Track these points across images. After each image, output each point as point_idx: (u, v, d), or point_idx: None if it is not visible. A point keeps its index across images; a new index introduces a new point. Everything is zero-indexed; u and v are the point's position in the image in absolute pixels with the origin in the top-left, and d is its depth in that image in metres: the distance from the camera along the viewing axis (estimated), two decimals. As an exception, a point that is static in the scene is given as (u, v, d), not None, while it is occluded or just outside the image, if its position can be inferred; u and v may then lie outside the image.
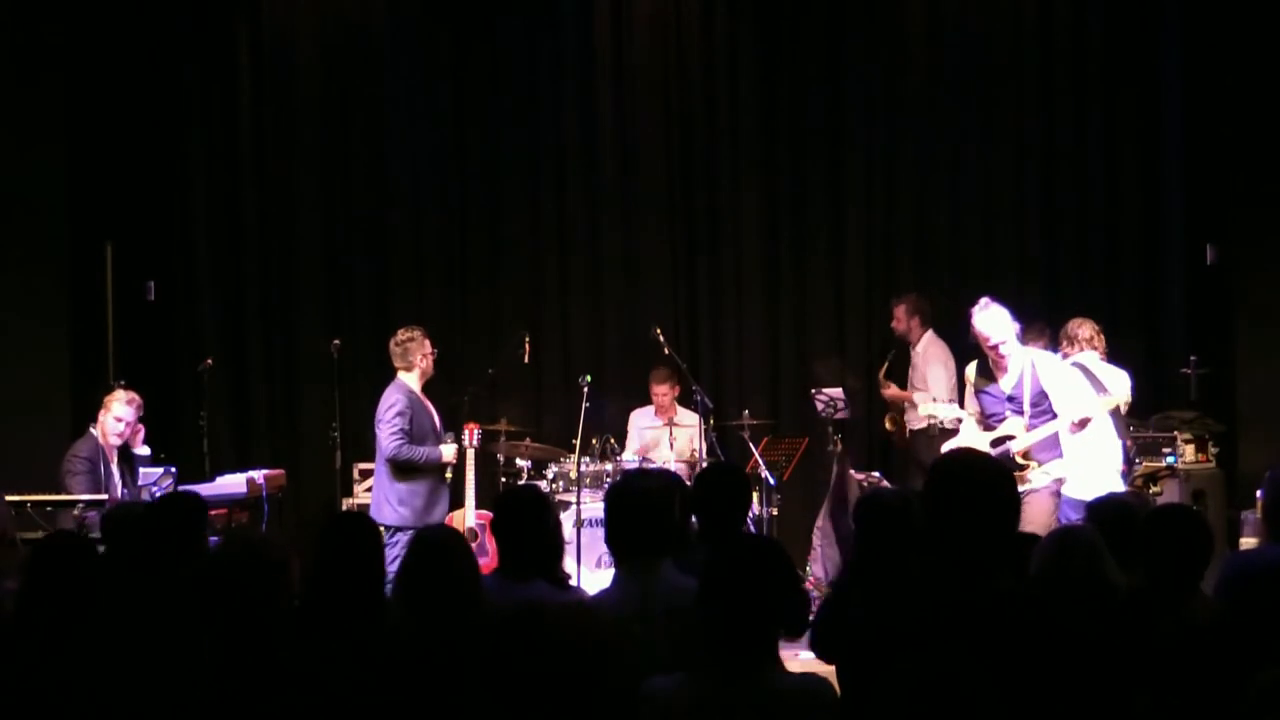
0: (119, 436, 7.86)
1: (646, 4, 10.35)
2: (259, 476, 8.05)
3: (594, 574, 8.11)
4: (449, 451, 8.08)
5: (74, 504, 7.21)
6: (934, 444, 8.69)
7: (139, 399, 7.99)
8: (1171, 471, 8.32)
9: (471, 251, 10.55)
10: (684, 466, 8.88)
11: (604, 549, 4.26)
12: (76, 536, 4.69)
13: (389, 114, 10.46)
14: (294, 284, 10.46)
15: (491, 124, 10.46)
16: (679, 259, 10.40)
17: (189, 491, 5.72)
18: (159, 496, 6.22)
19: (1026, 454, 7.02)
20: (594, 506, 8.33)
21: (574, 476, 8.67)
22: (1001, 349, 7.06)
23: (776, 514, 8.99)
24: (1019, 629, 3.23)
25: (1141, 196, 9.90)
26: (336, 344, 9.00)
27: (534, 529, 4.17)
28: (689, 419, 9.40)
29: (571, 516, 8.26)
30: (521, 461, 9.08)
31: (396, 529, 7.76)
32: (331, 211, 10.50)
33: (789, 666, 4.47)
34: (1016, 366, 7.12)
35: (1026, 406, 7.07)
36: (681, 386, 9.56)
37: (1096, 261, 9.96)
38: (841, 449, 9.17)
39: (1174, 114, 9.74)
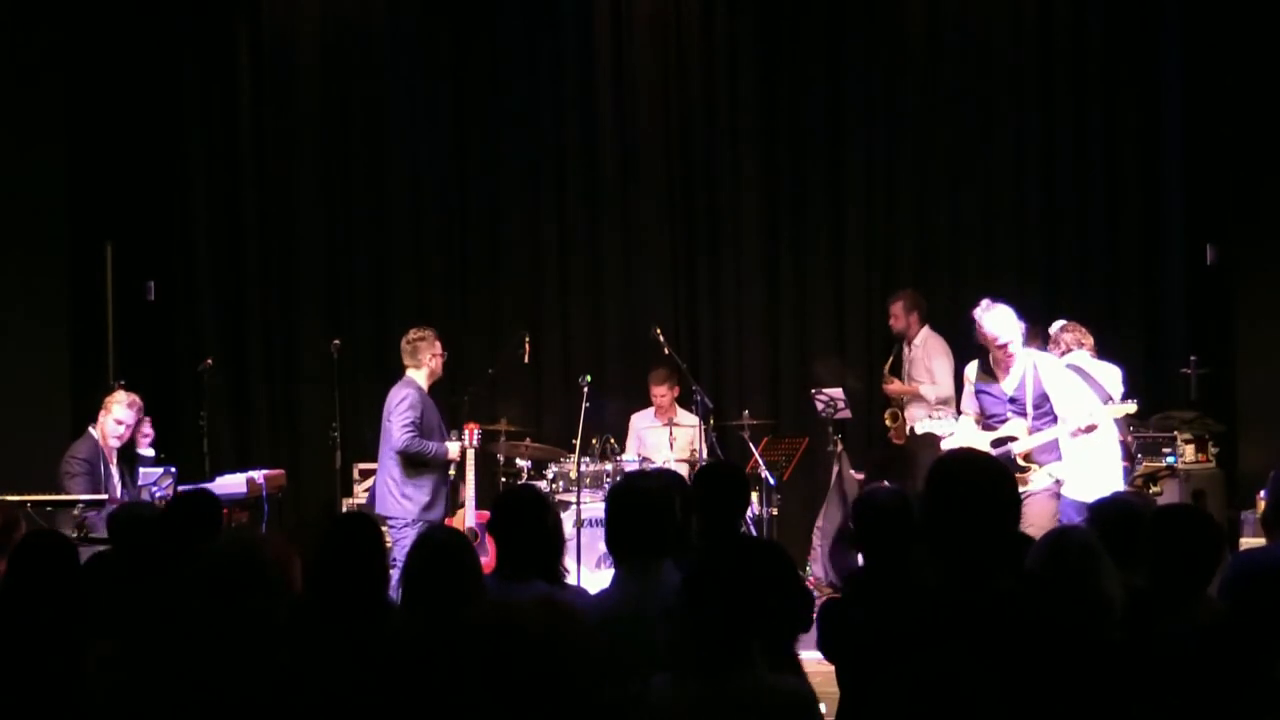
0: (119, 439, 7.87)
1: (646, 4, 10.36)
2: (259, 476, 8.06)
3: (594, 574, 8.11)
4: (455, 448, 8.16)
5: (74, 504, 7.20)
6: (930, 443, 8.70)
7: (139, 401, 8.00)
8: (1171, 471, 8.32)
9: (471, 251, 10.56)
10: (684, 467, 8.87)
11: (604, 549, 4.26)
12: (55, 535, 4.66)
13: (389, 114, 10.47)
14: (294, 284, 10.47)
15: (491, 124, 10.47)
16: (679, 259, 10.40)
17: (203, 490, 5.72)
18: (178, 494, 6.18)
19: (1028, 456, 7.02)
20: (594, 506, 8.34)
21: (574, 476, 8.68)
22: (1010, 348, 7.07)
23: (776, 514, 9.00)
24: (1018, 629, 3.23)
25: (1141, 196, 9.89)
26: (336, 344, 9.01)
27: (532, 529, 4.17)
28: (689, 419, 9.40)
29: (571, 516, 8.26)
30: (521, 461, 9.09)
31: (402, 523, 7.81)
32: (331, 211, 10.51)
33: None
34: (1019, 367, 7.11)
35: (1029, 408, 7.07)
36: (681, 387, 9.56)
37: (1096, 261, 9.96)
38: (841, 449, 9.16)
39: (1174, 114, 9.74)
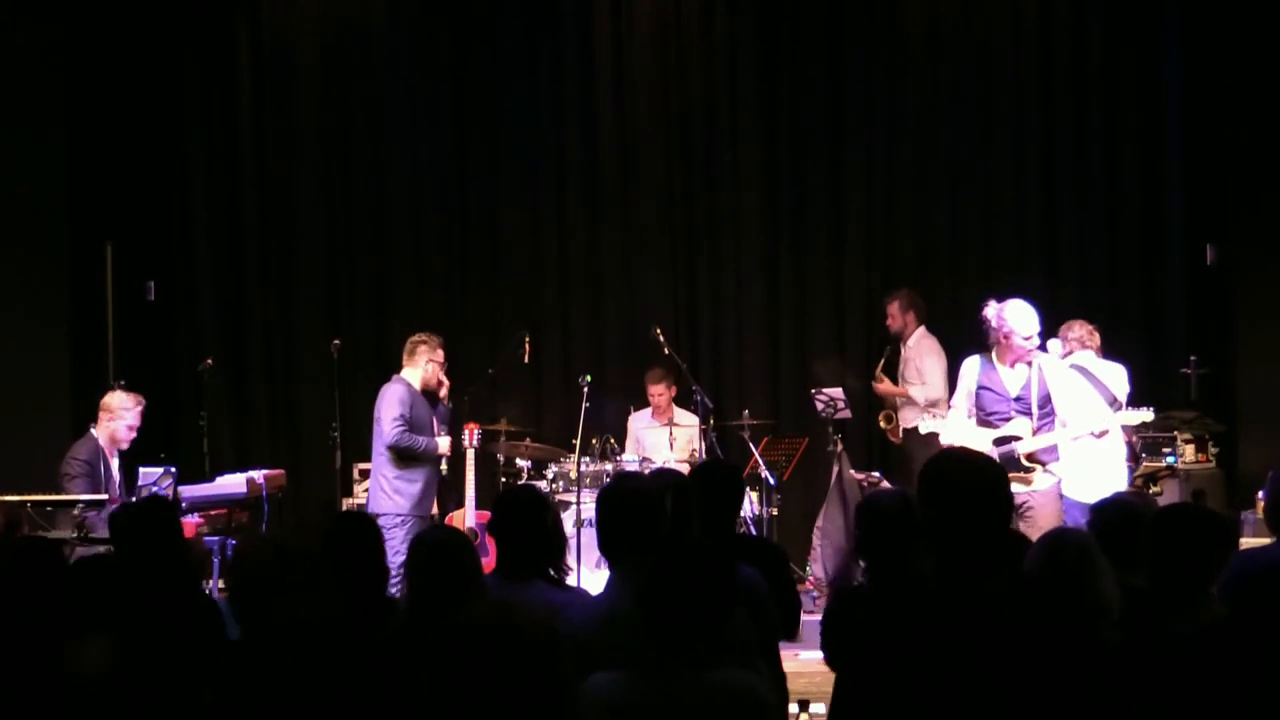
0: (129, 442, 7.88)
1: (646, 4, 10.35)
2: (259, 476, 8.04)
3: (594, 574, 8.08)
4: (445, 443, 8.20)
5: (74, 504, 7.20)
6: (926, 442, 8.70)
7: (142, 399, 8.00)
8: (1171, 471, 8.32)
9: (471, 251, 10.55)
10: (685, 468, 8.86)
11: (603, 549, 4.25)
12: (42, 540, 4.64)
13: (389, 114, 10.46)
14: (294, 284, 10.47)
15: (491, 124, 10.46)
16: (679, 259, 10.39)
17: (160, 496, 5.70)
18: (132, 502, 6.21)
19: (1031, 456, 7.01)
20: (594, 506, 8.32)
21: (574, 476, 8.68)
22: (1032, 341, 7.05)
23: (776, 514, 9.00)
24: (1016, 630, 3.22)
25: (1141, 196, 9.89)
26: (336, 344, 9.01)
27: (532, 529, 4.17)
28: (688, 419, 9.40)
29: (571, 516, 8.25)
30: (521, 461, 9.09)
31: (392, 522, 7.80)
32: (331, 211, 10.51)
33: (788, 667, 4.50)
34: (1026, 367, 7.10)
35: (1034, 408, 7.06)
36: (678, 387, 9.55)
37: (1096, 261, 9.95)
38: (841, 449, 9.16)
39: (1174, 114, 9.74)
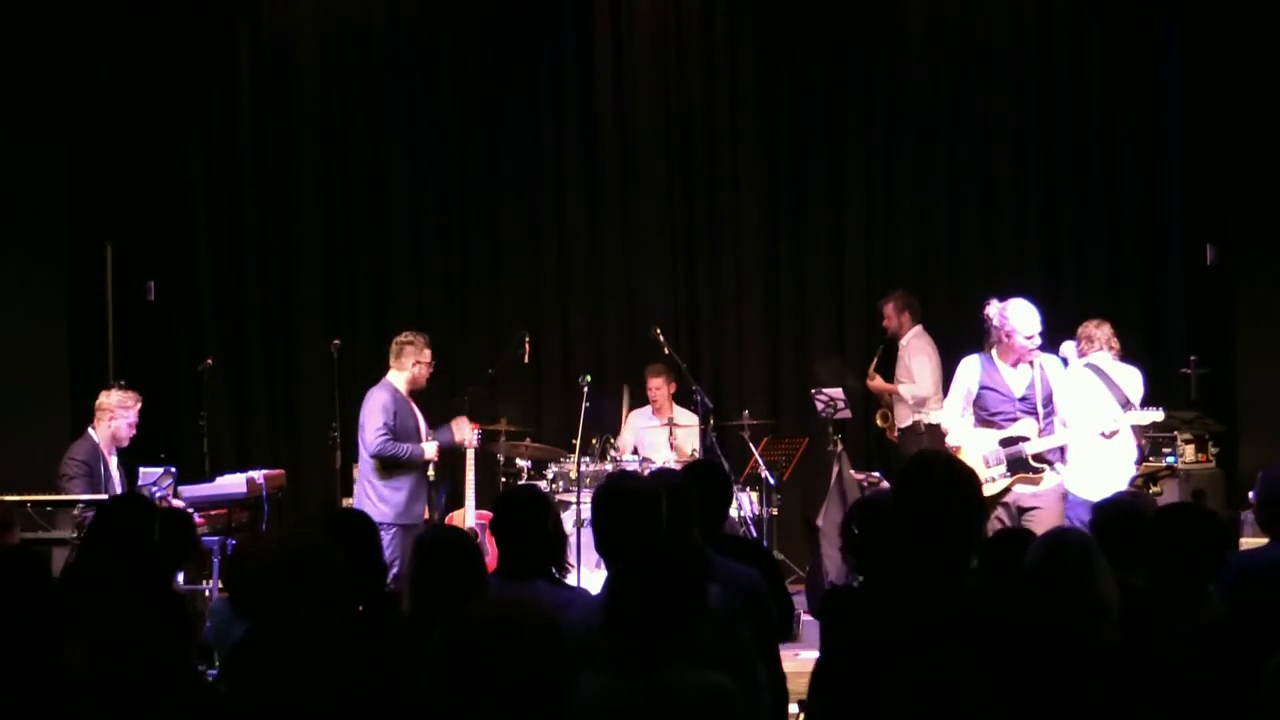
0: (129, 440, 7.88)
1: (646, 4, 10.35)
2: (259, 476, 8.05)
3: (594, 574, 8.09)
4: (431, 449, 8.10)
5: (74, 504, 7.19)
6: (922, 441, 8.70)
7: (138, 395, 7.99)
8: (1171, 471, 8.32)
9: (471, 251, 10.56)
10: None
11: (603, 549, 4.25)
12: (27, 550, 4.62)
13: (389, 114, 10.46)
14: (294, 284, 10.47)
15: (491, 124, 10.46)
16: (679, 259, 10.40)
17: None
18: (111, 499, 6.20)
19: (1039, 456, 7.01)
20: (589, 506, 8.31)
21: (574, 476, 8.67)
22: (1035, 339, 7.04)
23: (776, 514, 9.00)
24: (1014, 630, 3.23)
25: (1141, 197, 9.89)
26: (336, 344, 9.00)
27: (534, 529, 4.17)
28: (688, 419, 9.40)
29: (571, 516, 8.25)
30: (521, 461, 9.08)
31: (379, 527, 7.77)
32: (331, 212, 10.51)
33: (787, 667, 4.50)
34: (1028, 367, 7.09)
35: (1039, 408, 7.05)
36: (678, 384, 9.55)
37: (1096, 262, 9.95)
38: (841, 449, 9.15)
39: (1174, 114, 9.74)
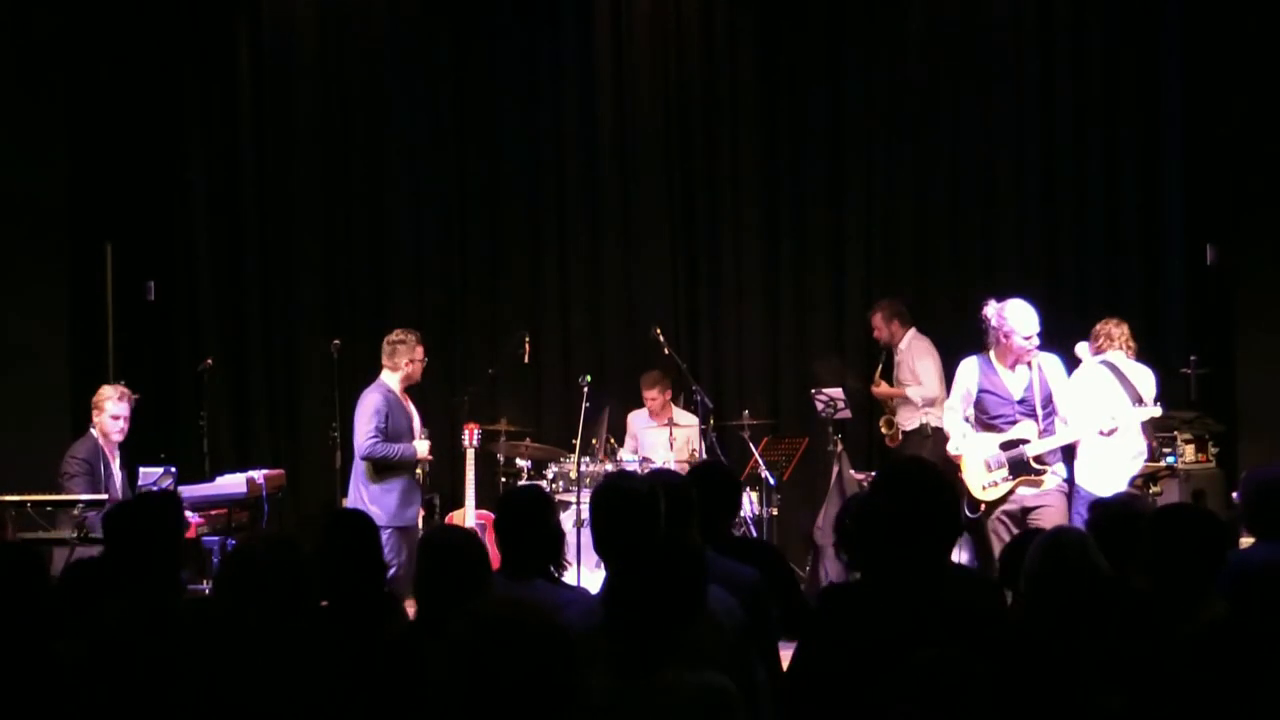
0: (121, 434, 7.85)
1: (646, 4, 10.36)
2: (259, 476, 8.03)
3: (594, 574, 8.09)
4: (423, 448, 8.07)
5: (74, 504, 7.19)
6: (927, 444, 8.71)
7: (128, 391, 7.96)
8: (1171, 471, 8.30)
9: (471, 251, 10.56)
10: (684, 468, 8.86)
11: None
12: (24, 549, 4.61)
13: (389, 114, 10.47)
14: (294, 284, 10.47)
15: (491, 124, 10.47)
16: (679, 260, 10.40)
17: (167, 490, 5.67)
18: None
19: (1040, 458, 7.01)
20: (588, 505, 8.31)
21: (574, 476, 8.67)
22: (1033, 340, 7.04)
23: (776, 514, 8.99)
24: (1014, 630, 3.24)
25: (1141, 196, 9.89)
26: (336, 344, 9.00)
27: (536, 529, 4.17)
28: (688, 419, 9.40)
29: (571, 516, 8.25)
30: (521, 461, 9.08)
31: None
32: (331, 211, 10.51)
33: (786, 665, 4.50)
34: (1027, 369, 7.09)
35: (1039, 409, 7.05)
36: (674, 389, 9.55)
37: (1096, 262, 9.95)
38: (841, 449, 9.16)
39: (1174, 115, 9.74)
